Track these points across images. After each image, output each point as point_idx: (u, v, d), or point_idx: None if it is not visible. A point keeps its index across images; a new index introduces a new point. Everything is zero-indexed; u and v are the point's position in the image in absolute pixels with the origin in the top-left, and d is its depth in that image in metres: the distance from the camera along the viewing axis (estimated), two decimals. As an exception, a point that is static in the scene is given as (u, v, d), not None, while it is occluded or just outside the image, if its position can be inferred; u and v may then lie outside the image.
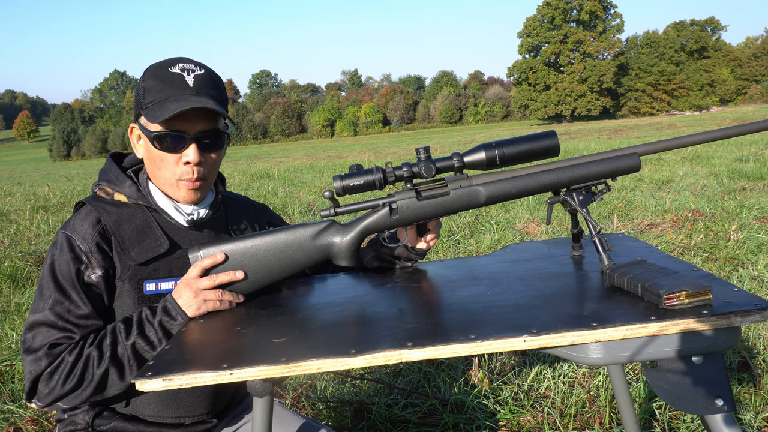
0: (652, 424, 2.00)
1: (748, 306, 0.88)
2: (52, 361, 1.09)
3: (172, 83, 1.19)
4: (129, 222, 1.21)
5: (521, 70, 65.82)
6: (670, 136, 10.04)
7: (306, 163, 14.49)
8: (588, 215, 1.15)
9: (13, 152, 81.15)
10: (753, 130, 1.16)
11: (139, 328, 1.11)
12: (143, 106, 1.20)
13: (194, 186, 1.24)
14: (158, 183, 1.25)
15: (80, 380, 1.08)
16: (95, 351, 1.10)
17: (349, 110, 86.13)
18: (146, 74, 1.22)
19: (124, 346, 1.10)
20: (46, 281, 1.15)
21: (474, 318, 0.99)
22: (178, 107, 1.15)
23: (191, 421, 1.25)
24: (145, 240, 1.21)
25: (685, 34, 64.85)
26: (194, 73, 1.21)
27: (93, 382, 1.09)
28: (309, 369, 0.89)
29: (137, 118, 1.25)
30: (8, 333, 2.88)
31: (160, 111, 1.16)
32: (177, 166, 1.22)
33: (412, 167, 1.17)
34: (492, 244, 4.23)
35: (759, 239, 3.86)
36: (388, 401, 2.23)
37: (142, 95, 1.20)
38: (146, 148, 1.23)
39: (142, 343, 1.10)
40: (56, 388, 1.08)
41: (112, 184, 1.25)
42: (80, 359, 1.09)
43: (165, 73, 1.20)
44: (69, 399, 1.10)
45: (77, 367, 1.08)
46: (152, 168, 1.24)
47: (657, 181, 6.64)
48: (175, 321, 1.11)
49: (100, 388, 1.10)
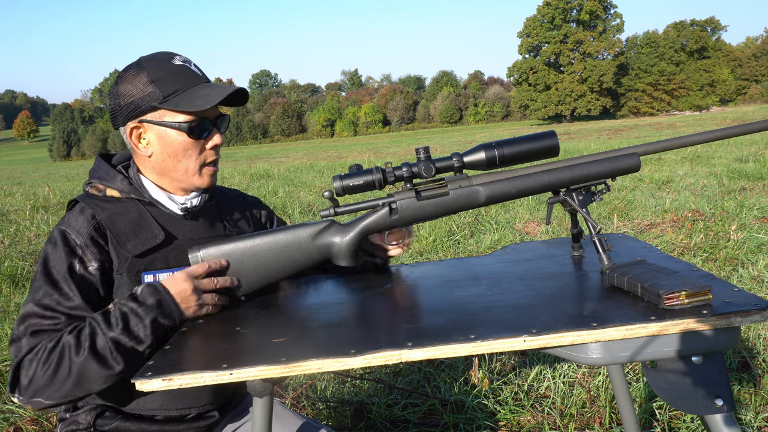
0: (652, 424, 2.00)
1: (748, 306, 0.88)
2: (32, 347, 1.07)
3: (183, 74, 1.20)
4: (123, 215, 1.20)
5: (521, 70, 65.84)
6: (670, 136, 10.04)
7: (306, 163, 14.50)
8: (588, 215, 1.15)
9: (13, 152, 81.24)
10: (753, 130, 1.16)
11: (124, 322, 1.07)
12: (163, 99, 1.17)
13: (216, 168, 1.28)
14: (176, 175, 1.24)
15: (57, 368, 1.04)
16: (73, 339, 1.06)
17: (349, 110, 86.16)
18: (147, 70, 1.18)
19: (105, 339, 1.05)
20: (39, 275, 1.14)
21: (474, 318, 0.99)
22: (216, 93, 1.18)
23: (196, 413, 1.24)
24: (141, 232, 1.20)
25: (685, 34, 64.86)
26: (192, 64, 1.25)
27: (72, 372, 1.04)
28: (309, 369, 0.89)
29: (143, 114, 1.20)
30: (8, 333, 2.88)
31: (195, 99, 1.17)
32: (202, 152, 1.24)
33: (411, 167, 1.17)
34: (492, 244, 4.23)
35: (759, 239, 3.86)
36: (388, 401, 2.23)
37: (152, 90, 1.17)
38: (163, 143, 1.21)
39: (126, 339, 1.06)
40: (34, 376, 1.04)
41: (104, 181, 1.24)
42: (57, 346, 1.06)
43: (170, 65, 1.20)
44: (49, 391, 1.04)
45: (54, 353, 1.05)
46: (169, 162, 1.22)
47: (657, 181, 6.64)
48: (169, 318, 1.10)
49: (81, 381, 1.05)
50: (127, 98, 1.19)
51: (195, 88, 1.20)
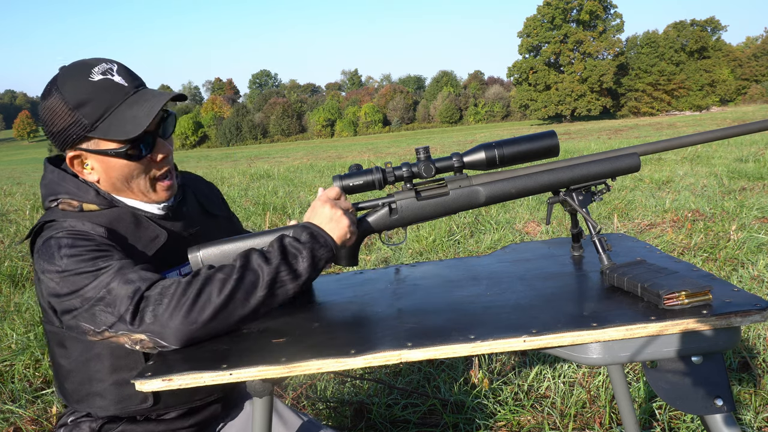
0: (652, 424, 1.99)
1: (748, 306, 0.89)
2: (168, 284, 1.00)
3: (106, 91, 1.07)
4: (119, 221, 1.14)
5: (521, 70, 65.84)
6: (670, 136, 10.03)
7: (306, 163, 14.49)
8: (588, 215, 1.15)
9: (13, 152, 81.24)
10: (753, 130, 1.16)
11: (283, 254, 1.04)
12: (92, 128, 1.07)
13: (171, 180, 1.20)
14: (129, 195, 1.17)
15: (232, 293, 0.98)
16: (221, 274, 1.01)
17: (349, 110, 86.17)
18: (64, 94, 1.06)
19: (270, 270, 1.01)
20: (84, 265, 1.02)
21: (474, 318, 0.99)
22: (145, 112, 1.07)
23: (201, 403, 1.20)
24: (143, 235, 1.16)
25: (685, 34, 64.87)
26: (114, 70, 1.10)
27: (238, 298, 0.99)
28: (309, 369, 0.89)
29: (78, 144, 1.10)
30: (8, 333, 2.87)
31: (124, 124, 1.07)
32: (149, 168, 1.15)
33: (411, 167, 1.17)
34: (492, 244, 4.23)
35: (759, 239, 3.86)
36: (388, 401, 2.23)
37: (75, 118, 1.06)
38: (106, 168, 1.12)
39: (285, 272, 1.02)
40: (209, 301, 0.98)
41: (77, 197, 1.13)
42: (214, 276, 1.00)
43: (88, 84, 1.07)
44: (218, 320, 0.99)
45: (212, 282, 0.99)
46: (118, 184, 1.14)
47: (657, 181, 6.64)
48: (326, 248, 1.07)
49: (243, 311, 1.00)
50: (54, 127, 1.09)
51: (121, 107, 1.08)
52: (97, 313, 1.01)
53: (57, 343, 1.14)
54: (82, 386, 1.13)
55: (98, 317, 1.01)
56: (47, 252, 1.05)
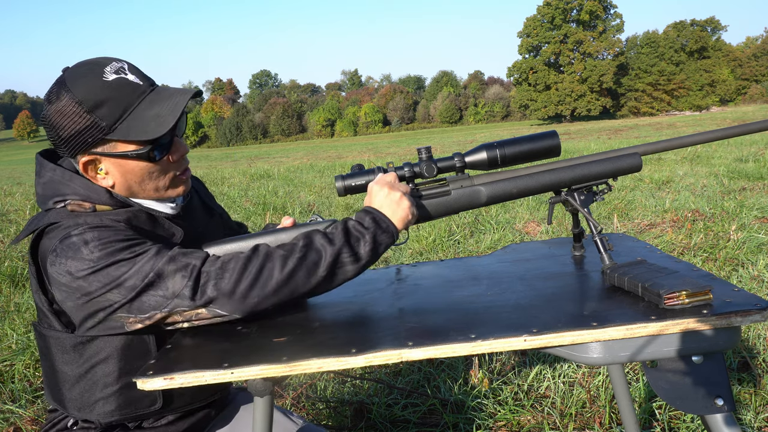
0: (652, 424, 2.00)
1: (748, 306, 0.89)
2: (227, 260, 1.01)
3: (122, 90, 1.03)
4: (136, 219, 1.11)
5: (521, 70, 65.86)
6: (670, 136, 10.04)
7: (306, 163, 14.49)
8: (589, 215, 1.15)
9: (13, 152, 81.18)
10: (753, 130, 1.17)
11: (346, 236, 1.05)
12: (110, 130, 1.03)
13: (188, 173, 1.19)
14: (147, 195, 1.14)
15: (294, 270, 1.01)
16: (282, 251, 1.03)
17: (349, 110, 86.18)
18: (77, 97, 1.00)
19: (333, 250, 1.03)
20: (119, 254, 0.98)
21: (474, 318, 0.99)
22: (168, 110, 1.04)
23: (198, 405, 1.19)
24: (161, 233, 1.13)
25: (685, 34, 64.89)
26: (126, 68, 1.06)
27: (301, 274, 1.01)
28: (310, 368, 0.90)
29: (93, 147, 1.05)
30: (8, 333, 2.88)
31: (146, 124, 1.03)
32: (168, 169, 1.13)
33: (413, 167, 1.17)
34: (492, 244, 4.24)
35: (759, 239, 3.86)
36: (388, 401, 2.23)
37: (92, 121, 1.01)
38: (123, 171, 1.08)
39: (347, 253, 1.04)
40: (272, 274, 1.01)
41: (88, 198, 1.08)
42: (275, 252, 1.02)
43: (103, 84, 1.02)
44: (276, 291, 1.01)
45: (274, 258, 1.01)
46: (136, 186, 1.11)
47: (657, 181, 6.64)
48: (387, 234, 1.08)
49: (301, 282, 1.02)
50: (65, 131, 1.02)
51: (141, 106, 1.04)
52: (145, 300, 0.98)
53: (60, 349, 1.08)
54: (87, 392, 1.09)
55: (147, 303, 0.99)
56: (71, 249, 0.98)
